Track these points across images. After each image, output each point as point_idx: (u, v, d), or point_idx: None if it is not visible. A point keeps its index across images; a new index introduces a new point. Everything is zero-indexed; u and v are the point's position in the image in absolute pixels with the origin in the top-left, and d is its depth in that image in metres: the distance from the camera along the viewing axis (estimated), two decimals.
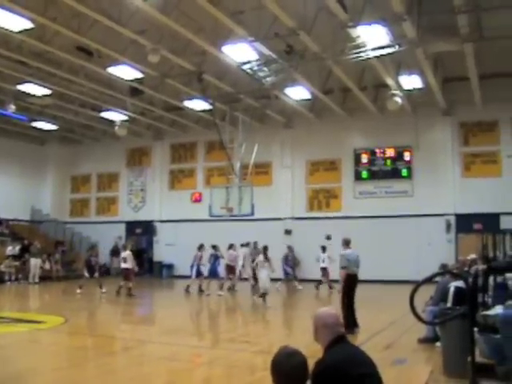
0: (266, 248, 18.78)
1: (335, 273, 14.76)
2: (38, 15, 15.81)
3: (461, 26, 15.70)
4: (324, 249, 21.82)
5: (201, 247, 21.67)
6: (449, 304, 8.88)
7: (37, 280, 25.35)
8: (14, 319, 14.02)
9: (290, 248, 24.49)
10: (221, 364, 9.24)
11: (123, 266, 20.16)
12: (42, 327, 12.97)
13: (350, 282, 11.90)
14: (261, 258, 18.54)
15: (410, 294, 6.22)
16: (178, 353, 10.12)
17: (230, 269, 21.30)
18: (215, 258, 21.44)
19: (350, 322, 11.35)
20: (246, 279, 22.43)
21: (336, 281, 15.47)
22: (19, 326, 13.08)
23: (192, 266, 21.37)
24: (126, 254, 20.24)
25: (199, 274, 21.36)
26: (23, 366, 8.59)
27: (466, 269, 11.40)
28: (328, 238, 23.53)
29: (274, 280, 19.61)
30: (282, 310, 16.63)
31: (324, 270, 21.59)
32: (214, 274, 21.21)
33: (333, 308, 4.24)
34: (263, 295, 17.19)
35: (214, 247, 21.70)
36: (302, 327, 13.17)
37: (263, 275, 17.45)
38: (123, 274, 20.20)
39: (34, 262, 25.55)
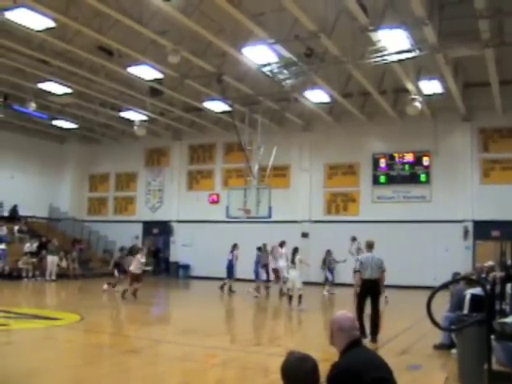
0: (295, 250, 17.79)
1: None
2: (60, 14, 15.90)
3: (482, 31, 15.53)
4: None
5: (234, 246, 21.77)
6: (465, 311, 8.81)
7: (53, 277, 25.50)
8: (30, 315, 14.17)
9: (328, 252, 23.29)
10: (234, 366, 9.25)
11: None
12: (58, 324, 13.07)
13: (363, 287, 11.80)
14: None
15: (427, 300, 6.19)
16: (192, 353, 10.14)
17: (276, 271, 21.32)
18: (259, 259, 21.47)
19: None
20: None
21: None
22: (36, 322, 13.18)
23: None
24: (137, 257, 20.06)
25: (232, 274, 21.54)
26: (38, 363, 8.64)
27: (483, 275, 11.31)
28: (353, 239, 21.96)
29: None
30: (304, 313, 16.59)
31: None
32: (257, 275, 21.24)
33: (349, 311, 4.22)
34: (290, 297, 17.18)
35: (260, 249, 21.67)
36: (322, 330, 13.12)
37: (291, 276, 17.40)
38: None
39: (51, 260, 25.74)
